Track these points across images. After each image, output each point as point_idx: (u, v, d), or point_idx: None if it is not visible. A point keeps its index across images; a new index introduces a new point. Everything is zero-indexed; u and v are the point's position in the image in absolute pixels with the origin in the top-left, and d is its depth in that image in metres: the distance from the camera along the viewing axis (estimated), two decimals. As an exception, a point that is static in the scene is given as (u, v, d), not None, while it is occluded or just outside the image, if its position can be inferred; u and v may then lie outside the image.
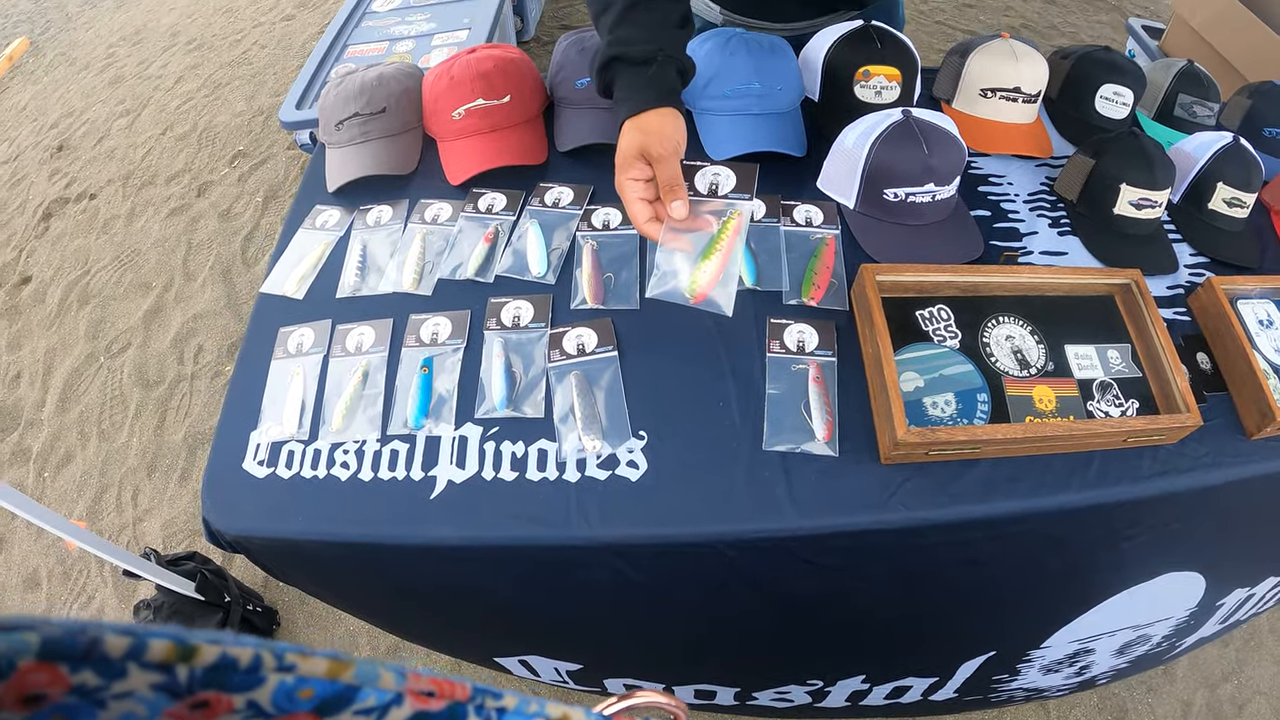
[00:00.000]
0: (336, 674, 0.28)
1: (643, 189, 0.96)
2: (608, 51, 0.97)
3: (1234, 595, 1.26)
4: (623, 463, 0.95)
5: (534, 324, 1.08)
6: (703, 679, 1.27)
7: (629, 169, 0.95)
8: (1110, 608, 1.15)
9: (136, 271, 3.02)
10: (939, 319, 1.06)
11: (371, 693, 0.29)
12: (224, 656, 0.25)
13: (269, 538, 0.98)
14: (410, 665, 0.31)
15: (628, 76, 0.97)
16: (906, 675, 1.25)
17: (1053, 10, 4.08)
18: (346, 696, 0.28)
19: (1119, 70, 1.36)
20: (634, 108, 0.95)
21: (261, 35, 4.31)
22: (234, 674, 0.25)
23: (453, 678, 0.33)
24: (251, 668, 0.25)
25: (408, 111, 1.31)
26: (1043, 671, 1.30)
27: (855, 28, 1.28)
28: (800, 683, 1.25)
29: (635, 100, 0.96)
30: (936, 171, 1.10)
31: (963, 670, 1.24)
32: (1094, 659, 1.30)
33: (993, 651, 1.21)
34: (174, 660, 0.23)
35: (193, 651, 0.24)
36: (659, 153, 0.93)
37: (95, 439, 2.51)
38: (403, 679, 0.30)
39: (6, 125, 4.05)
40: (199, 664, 0.24)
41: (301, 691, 0.27)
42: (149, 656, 0.23)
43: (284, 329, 1.14)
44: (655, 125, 0.94)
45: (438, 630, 1.29)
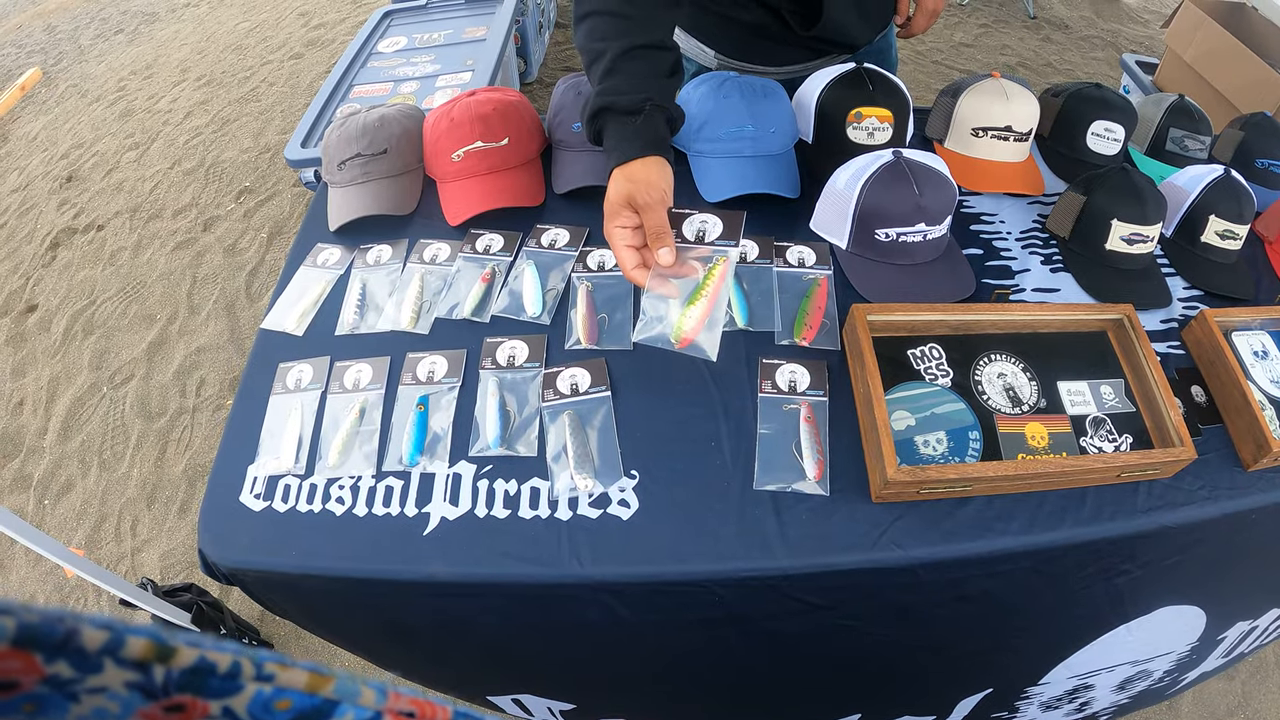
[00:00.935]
0: (316, 688, 0.27)
1: (630, 236, 0.98)
2: (597, 101, 1.00)
3: (1236, 628, 1.26)
4: (614, 501, 0.96)
5: (529, 363, 1.09)
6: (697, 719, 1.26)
7: (617, 217, 0.97)
8: (1108, 642, 1.15)
9: (141, 303, 3.05)
10: (931, 357, 1.07)
11: (350, 709, 0.28)
12: (202, 660, 0.24)
13: (264, 570, 0.98)
14: (392, 685, 0.30)
15: (616, 126, 1.01)
16: (904, 715, 1.24)
17: (1049, 48, 4.14)
18: (325, 711, 0.27)
19: (1110, 106, 1.38)
20: (622, 156, 0.99)
21: (270, 73, 4.37)
22: (212, 679, 0.25)
23: (434, 699, 0.32)
24: (230, 674, 0.25)
25: (408, 153, 1.33)
26: (1042, 709, 1.29)
27: (847, 70, 1.30)
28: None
29: (623, 149, 0.99)
30: (927, 211, 1.12)
31: (960, 708, 1.23)
32: (1094, 695, 1.30)
33: (990, 689, 1.20)
34: (151, 659, 0.23)
35: (171, 652, 0.24)
36: (645, 201, 0.96)
37: (96, 468, 2.51)
38: (383, 698, 0.29)
39: (17, 155, 4.10)
40: (176, 666, 0.24)
41: (279, 703, 0.26)
42: (126, 653, 0.23)
43: (283, 365, 1.15)
44: (642, 174, 0.97)
45: (431, 667, 1.29)
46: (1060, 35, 4.23)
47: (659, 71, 1.03)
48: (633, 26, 1.01)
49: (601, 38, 1.01)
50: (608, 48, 1.00)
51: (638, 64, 1.01)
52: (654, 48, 1.03)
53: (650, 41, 1.02)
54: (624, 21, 1.01)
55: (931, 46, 4.11)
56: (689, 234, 1.00)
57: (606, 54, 1.00)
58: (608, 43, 1.00)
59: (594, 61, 1.02)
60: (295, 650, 2.03)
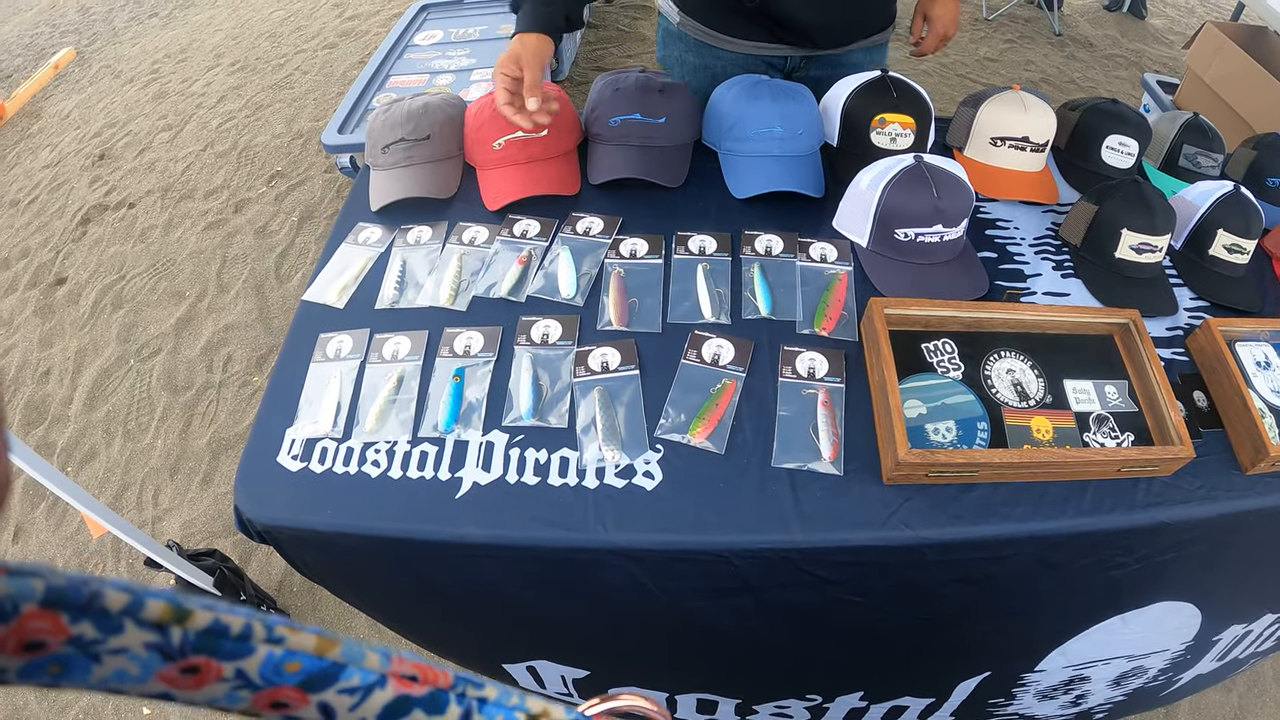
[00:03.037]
0: (324, 651, 0.28)
1: (510, 83, 1.24)
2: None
3: (1230, 631, 1.29)
4: (639, 473, 1.01)
5: (562, 342, 1.15)
6: (706, 688, 1.32)
7: (507, 65, 1.24)
8: (1104, 633, 1.19)
9: (171, 280, 3.10)
10: (943, 351, 1.12)
11: (356, 672, 0.29)
12: (216, 622, 0.25)
13: (298, 528, 1.03)
14: (396, 650, 0.32)
15: (532, 5, 1.27)
16: (904, 694, 1.29)
17: (1073, 65, 4.17)
18: (332, 674, 0.28)
19: (1125, 121, 1.43)
20: (527, 27, 1.25)
21: (304, 61, 4.44)
22: (225, 641, 0.25)
23: (436, 665, 0.33)
24: (242, 636, 0.26)
25: (450, 140, 1.39)
26: (1038, 698, 1.33)
27: (873, 77, 1.36)
28: (800, 697, 1.29)
29: (529, 22, 1.26)
30: (945, 214, 1.17)
31: (959, 691, 1.28)
32: (1089, 688, 1.34)
33: (988, 672, 1.25)
34: (169, 621, 0.24)
35: (187, 614, 0.24)
36: (529, 62, 1.23)
37: (120, 438, 2.56)
38: (387, 661, 0.31)
39: (49, 131, 4.17)
40: (192, 627, 0.25)
41: (288, 665, 0.27)
42: (145, 615, 0.24)
43: (324, 335, 1.20)
44: (534, 45, 1.24)
45: (451, 630, 1.33)
46: (1084, 53, 4.26)
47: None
48: None
49: None
50: None
51: None
52: None
53: None
54: None
55: (956, 60, 4.15)
56: (706, 355, 1.13)
57: None
58: None
59: None
60: (310, 621, 2.05)
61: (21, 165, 3.95)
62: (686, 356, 1.12)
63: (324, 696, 0.29)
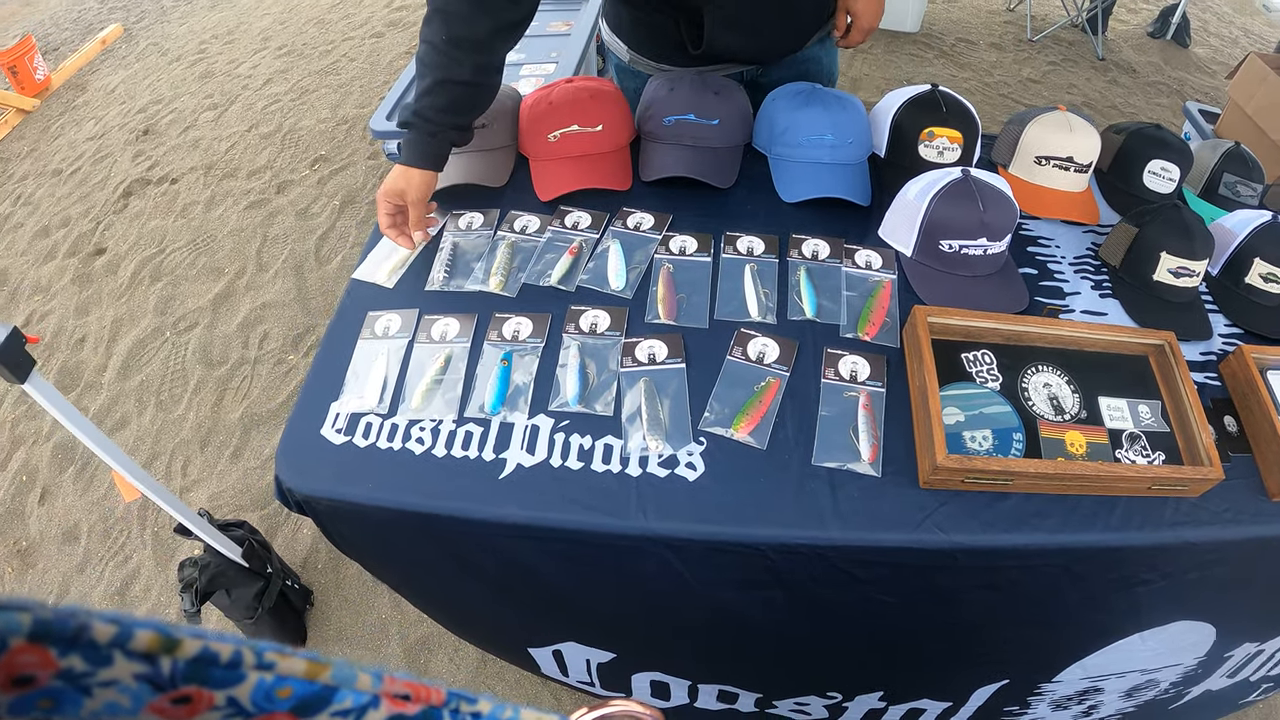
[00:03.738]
0: (314, 674, 0.28)
1: (393, 209, 1.29)
2: (412, 113, 1.25)
3: (1243, 649, 1.30)
4: (682, 464, 1.04)
5: (610, 332, 1.17)
6: (729, 679, 1.34)
7: (390, 196, 1.28)
8: (1123, 648, 1.20)
9: (210, 256, 3.16)
10: (982, 362, 1.14)
11: (349, 694, 0.29)
12: (206, 650, 0.25)
13: (338, 500, 1.05)
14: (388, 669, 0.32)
15: (416, 137, 1.26)
16: (923, 697, 1.31)
17: (1115, 91, 4.17)
18: (324, 697, 0.28)
19: (1168, 147, 1.44)
20: (411, 161, 1.26)
21: (351, 49, 4.51)
22: (215, 669, 0.25)
23: (428, 682, 0.33)
24: (232, 663, 0.26)
25: (505, 130, 1.43)
26: (1052, 707, 1.34)
27: (923, 91, 1.38)
28: (821, 694, 1.31)
29: (414, 157, 1.26)
30: (990, 227, 1.19)
31: (976, 697, 1.29)
32: (1103, 699, 1.35)
33: (1006, 680, 1.26)
34: (158, 651, 0.24)
35: (176, 644, 0.24)
36: (414, 199, 1.27)
37: (152, 408, 2.60)
38: (379, 681, 0.30)
39: (94, 105, 4.25)
40: (182, 656, 0.24)
41: (280, 690, 0.27)
42: (134, 645, 0.23)
43: (372, 313, 1.24)
44: (419, 180, 1.27)
45: (481, 611, 1.36)
46: (1127, 79, 4.26)
47: (460, 106, 1.27)
48: (449, 64, 1.22)
49: (426, 63, 1.23)
50: (429, 73, 1.23)
51: (446, 97, 1.24)
52: (463, 84, 1.25)
53: (459, 79, 1.23)
54: (443, 58, 1.21)
55: (1000, 80, 4.17)
56: (752, 354, 1.15)
57: (427, 77, 1.23)
58: (429, 70, 1.23)
59: (420, 76, 1.25)
60: (333, 598, 2.10)
61: (66, 136, 4.02)
62: (732, 353, 1.15)
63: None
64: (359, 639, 2.01)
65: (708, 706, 1.45)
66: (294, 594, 2.03)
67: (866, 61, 4.27)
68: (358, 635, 2.01)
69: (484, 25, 1.20)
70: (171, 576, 2.13)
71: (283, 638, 1.96)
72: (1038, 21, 4.70)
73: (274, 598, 1.92)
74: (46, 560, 2.23)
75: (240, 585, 1.89)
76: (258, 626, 1.89)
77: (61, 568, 2.21)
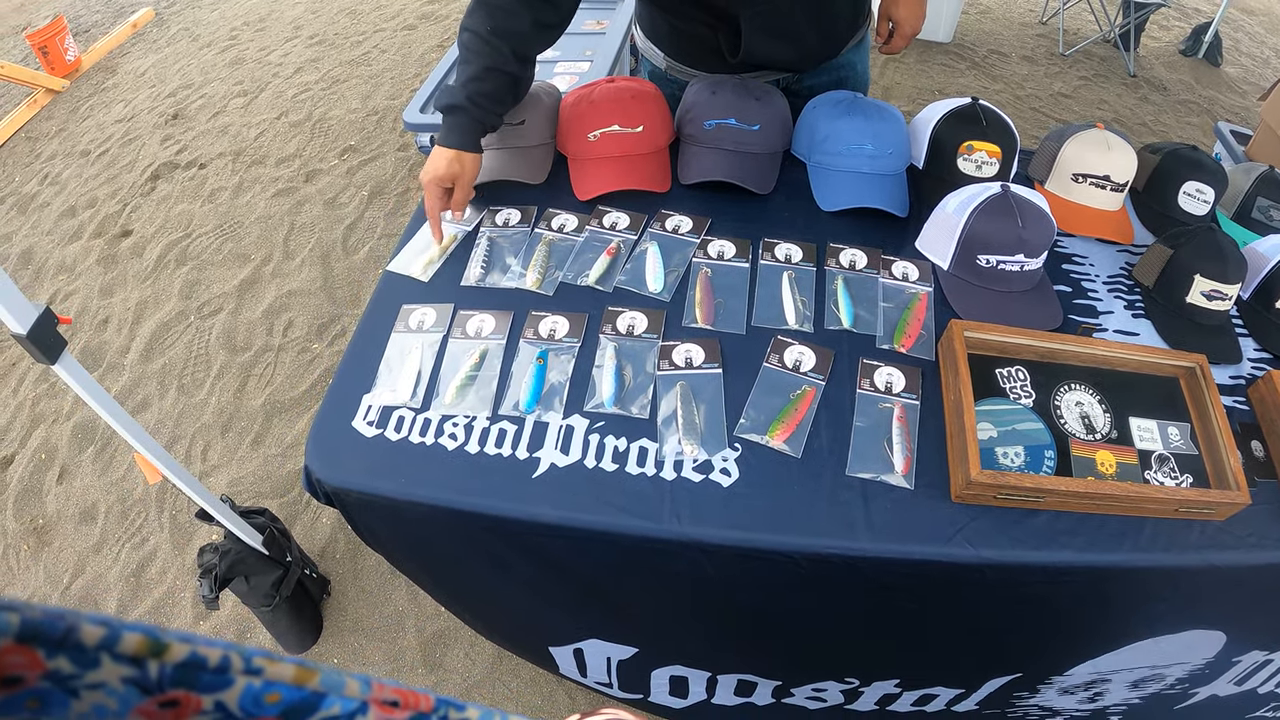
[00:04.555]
0: (303, 680, 0.28)
1: (443, 193, 1.31)
2: (459, 96, 1.28)
3: (1251, 655, 1.30)
4: (716, 469, 1.04)
5: (647, 334, 1.18)
6: (750, 669, 1.35)
7: (444, 182, 1.30)
8: (1134, 649, 1.21)
9: (237, 242, 3.17)
10: (1016, 378, 1.14)
11: (337, 700, 0.29)
12: (194, 655, 0.25)
13: (369, 494, 1.06)
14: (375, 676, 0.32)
15: (462, 119, 1.28)
16: (937, 684, 1.32)
17: (1145, 108, 4.15)
18: (312, 703, 0.28)
19: (1203, 169, 1.44)
20: (457, 144, 1.28)
21: (383, 40, 4.51)
22: (203, 673, 0.25)
23: (417, 689, 0.33)
24: (220, 668, 0.26)
25: (544, 127, 1.43)
26: (1060, 693, 1.36)
27: (964, 104, 1.38)
28: (839, 679, 1.32)
29: (460, 140, 1.28)
30: (1028, 244, 1.20)
31: (988, 685, 1.31)
32: (1109, 688, 1.36)
33: (1020, 673, 1.28)
34: (145, 654, 0.24)
35: (164, 648, 0.24)
36: (469, 180, 1.31)
37: (174, 392, 2.61)
38: (368, 688, 0.30)
39: (124, 88, 4.27)
40: (169, 660, 0.24)
41: (268, 696, 0.27)
42: (121, 648, 0.23)
43: (406, 306, 1.25)
44: (470, 167, 1.30)
45: (506, 608, 1.37)
46: (1158, 96, 4.24)
47: (503, 96, 1.32)
48: (494, 54, 1.27)
49: (473, 50, 1.28)
50: (475, 59, 1.27)
51: (493, 84, 1.28)
52: (508, 75, 1.29)
53: (506, 69, 1.28)
54: (488, 47, 1.26)
55: (1031, 93, 4.16)
56: (789, 361, 1.16)
57: (474, 64, 1.27)
58: (477, 56, 1.27)
59: (464, 63, 1.29)
60: (350, 588, 2.11)
61: (94, 118, 4.05)
62: (768, 360, 1.15)
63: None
64: (375, 630, 2.01)
65: (725, 702, 1.45)
66: (311, 583, 2.04)
67: (899, 70, 4.26)
68: (374, 626, 2.02)
69: (525, 20, 1.25)
70: (188, 560, 2.15)
71: (299, 627, 1.98)
72: (1070, 36, 4.68)
73: (292, 586, 1.93)
74: (63, 539, 2.24)
75: (259, 573, 1.90)
76: (274, 615, 1.90)
77: (78, 547, 2.22)
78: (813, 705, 1.42)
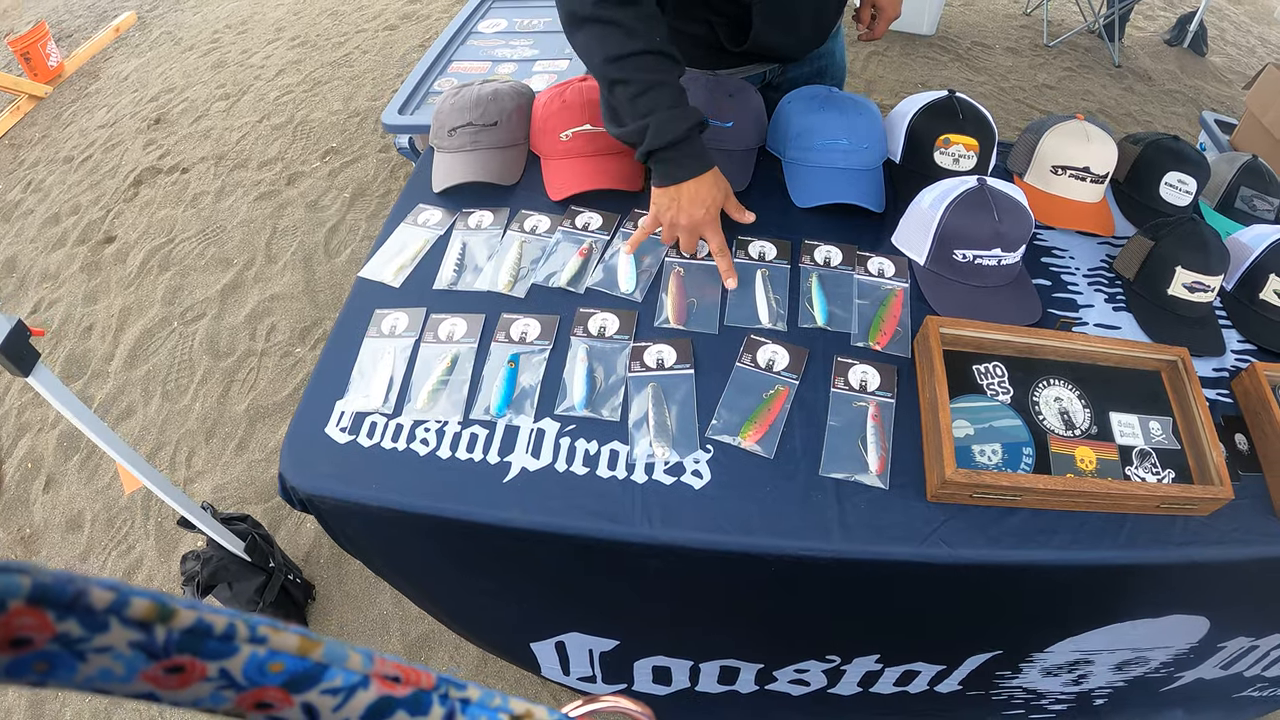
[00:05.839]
0: (306, 651, 0.28)
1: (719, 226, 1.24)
2: (683, 131, 1.16)
3: (1237, 641, 1.30)
4: (688, 471, 1.03)
5: (618, 335, 1.17)
6: (732, 655, 1.34)
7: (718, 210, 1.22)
8: (1115, 631, 1.20)
9: (220, 247, 3.15)
10: (994, 374, 1.13)
11: (339, 673, 0.29)
12: (200, 621, 0.25)
13: (342, 500, 1.05)
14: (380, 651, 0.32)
15: (697, 142, 1.19)
16: (918, 660, 1.31)
17: (1130, 98, 4.14)
18: (315, 674, 0.28)
19: (1185, 159, 1.43)
20: (708, 161, 1.20)
21: (364, 41, 4.48)
22: (209, 640, 0.25)
23: (418, 666, 0.33)
24: (226, 635, 0.26)
25: (517, 128, 1.42)
26: (1043, 674, 1.35)
27: (940, 97, 1.37)
28: (820, 658, 1.31)
29: (705, 154, 1.20)
30: (1005, 238, 1.18)
31: (969, 662, 1.30)
32: (1093, 670, 1.35)
33: (1000, 650, 1.26)
34: (153, 620, 0.24)
35: (171, 613, 0.24)
36: (728, 192, 1.25)
37: (158, 398, 2.59)
38: (370, 662, 0.31)
39: (107, 92, 4.24)
40: (176, 626, 0.25)
41: (272, 665, 0.27)
42: (130, 613, 0.23)
43: (379, 311, 1.23)
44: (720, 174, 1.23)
45: (484, 607, 1.35)
46: (1142, 86, 4.23)
47: (680, 91, 1.19)
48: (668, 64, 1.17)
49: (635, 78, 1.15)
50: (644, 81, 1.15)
51: (674, 91, 1.17)
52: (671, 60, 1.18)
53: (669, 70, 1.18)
54: (659, 59, 1.15)
55: (1015, 85, 4.14)
56: (761, 361, 1.15)
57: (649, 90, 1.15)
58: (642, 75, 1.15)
59: (651, 87, 1.15)
60: (335, 592, 2.10)
61: (77, 123, 4.03)
62: (741, 360, 1.14)
63: (308, 697, 0.29)
64: (360, 635, 2.00)
65: (709, 690, 1.45)
66: (296, 588, 2.03)
67: (881, 64, 4.25)
68: (359, 631, 2.01)
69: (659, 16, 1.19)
70: (174, 568, 2.13)
71: (284, 632, 1.97)
72: (1054, 27, 4.67)
73: (276, 592, 1.92)
74: (50, 548, 2.23)
75: (242, 579, 1.89)
76: (259, 621, 1.89)
77: (64, 556, 2.21)
78: (796, 691, 1.41)
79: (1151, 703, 1.58)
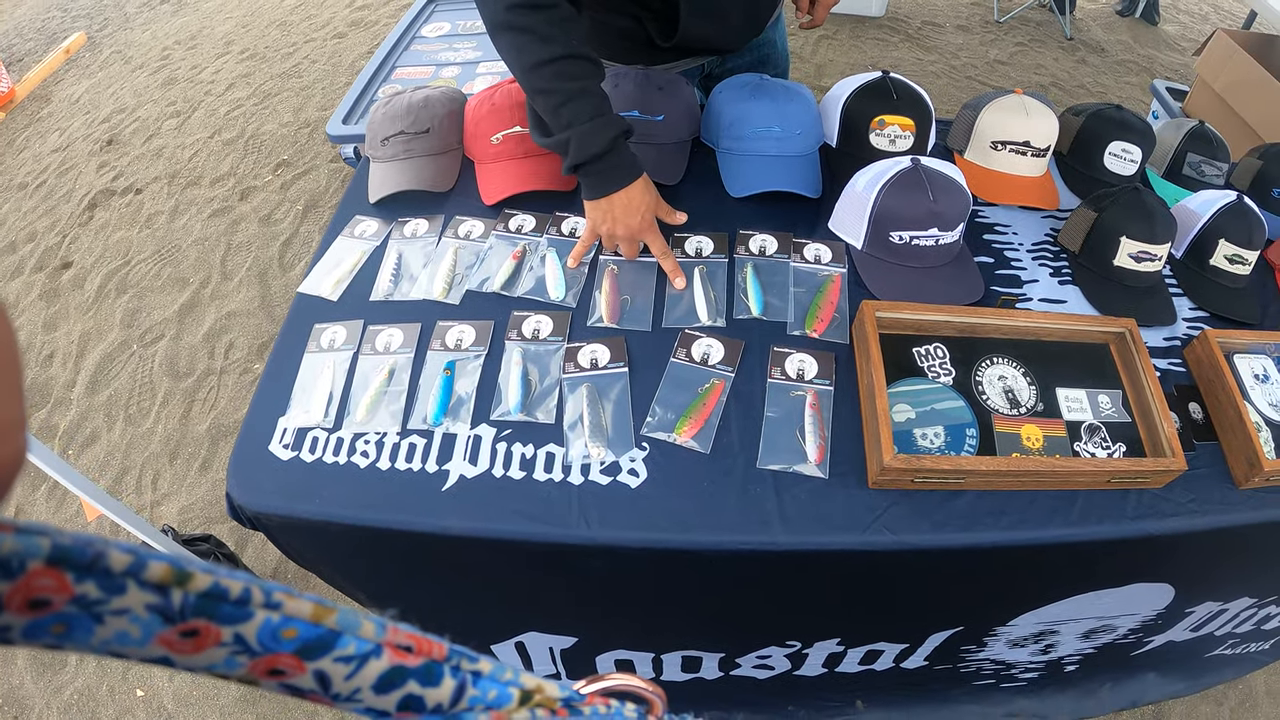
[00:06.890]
0: (320, 618, 0.28)
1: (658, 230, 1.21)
2: (608, 141, 1.12)
3: (1205, 606, 1.30)
4: (624, 470, 1.02)
5: (552, 337, 1.15)
6: (692, 646, 1.33)
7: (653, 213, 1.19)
8: (1078, 601, 1.20)
9: (175, 266, 3.11)
10: (934, 356, 1.11)
11: (352, 640, 0.29)
12: (216, 586, 0.25)
13: (288, 516, 1.04)
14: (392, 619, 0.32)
15: (624, 149, 1.15)
16: (879, 640, 1.30)
17: (1083, 70, 4.14)
18: (328, 641, 0.29)
19: (1128, 128, 1.42)
20: (636, 170, 1.16)
21: (313, 51, 4.43)
22: (224, 604, 0.26)
23: (431, 636, 0.33)
24: (241, 600, 0.26)
25: (449, 133, 1.39)
26: (1009, 645, 1.34)
27: (874, 79, 1.35)
28: (780, 644, 1.30)
29: (634, 161, 1.16)
30: (941, 217, 1.17)
31: (932, 639, 1.29)
32: (1060, 639, 1.35)
33: (960, 627, 1.26)
34: (170, 583, 0.24)
35: (188, 577, 0.25)
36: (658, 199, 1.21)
37: (122, 422, 2.56)
38: (383, 630, 0.31)
39: (59, 116, 4.18)
40: (192, 590, 0.25)
41: (285, 631, 0.27)
42: (147, 576, 0.24)
43: (318, 325, 1.21)
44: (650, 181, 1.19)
45: (439, 614, 1.34)
46: (1095, 58, 4.23)
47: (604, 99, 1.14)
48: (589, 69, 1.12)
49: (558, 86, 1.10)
50: (570, 87, 1.10)
51: (597, 97, 1.12)
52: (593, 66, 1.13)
53: (593, 76, 1.13)
54: (577, 63, 1.10)
55: (966, 62, 4.13)
56: (696, 355, 1.13)
57: (574, 98, 1.10)
58: (567, 83, 1.10)
59: (560, 106, 1.11)
60: (303, 607, 2.07)
61: (30, 149, 3.96)
62: (676, 355, 1.12)
63: (320, 664, 0.29)
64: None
65: (674, 678, 1.44)
66: (264, 608, 2.01)
67: (831, 47, 4.23)
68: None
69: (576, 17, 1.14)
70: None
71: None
72: (1005, 2, 4.66)
73: (242, 613, 1.89)
74: (17, 579, 2.20)
75: (206, 601, 1.87)
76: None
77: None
78: (761, 675, 1.41)
79: (1124, 667, 1.59)
